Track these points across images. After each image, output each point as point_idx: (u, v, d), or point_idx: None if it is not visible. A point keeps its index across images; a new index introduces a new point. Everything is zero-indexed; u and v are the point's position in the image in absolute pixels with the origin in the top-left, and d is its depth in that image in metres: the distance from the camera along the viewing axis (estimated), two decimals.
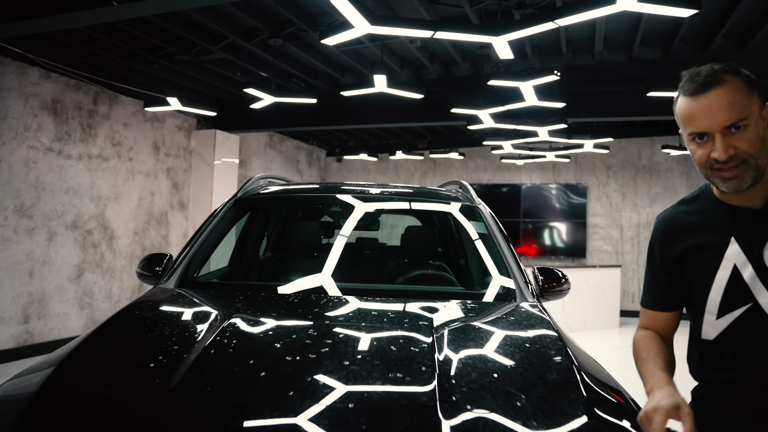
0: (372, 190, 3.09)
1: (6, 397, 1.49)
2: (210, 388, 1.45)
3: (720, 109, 1.29)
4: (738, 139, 1.29)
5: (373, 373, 1.50)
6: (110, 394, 1.46)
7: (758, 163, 1.31)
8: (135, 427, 1.29)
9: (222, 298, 2.30)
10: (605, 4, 3.17)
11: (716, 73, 1.32)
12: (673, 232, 1.51)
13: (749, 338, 1.36)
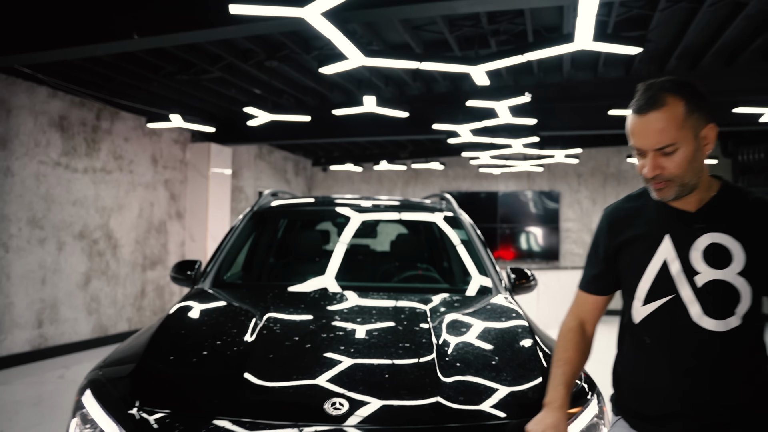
0: (368, 204, 3.63)
1: (115, 359, 2.01)
2: (272, 355, 1.96)
3: (652, 133, 1.40)
4: (667, 160, 1.41)
5: (388, 345, 2.03)
6: (199, 358, 1.97)
7: (684, 182, 1.44)
8: (224, 371, 1.81)
9: (254, 295, 2.81)
10: (566, 42, 3.74)
11: (659, 94, 1.41)
12: (617, 224, 1.62)
13: (667, 325, 1.49)
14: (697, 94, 1.42)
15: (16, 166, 5.96)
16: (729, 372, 1.43)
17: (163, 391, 1.83)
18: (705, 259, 1.45)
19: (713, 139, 1.44)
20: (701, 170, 1.46)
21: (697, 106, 1.41)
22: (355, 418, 1.59)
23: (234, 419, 1.59)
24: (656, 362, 1.49)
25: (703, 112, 1.42)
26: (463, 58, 4.62)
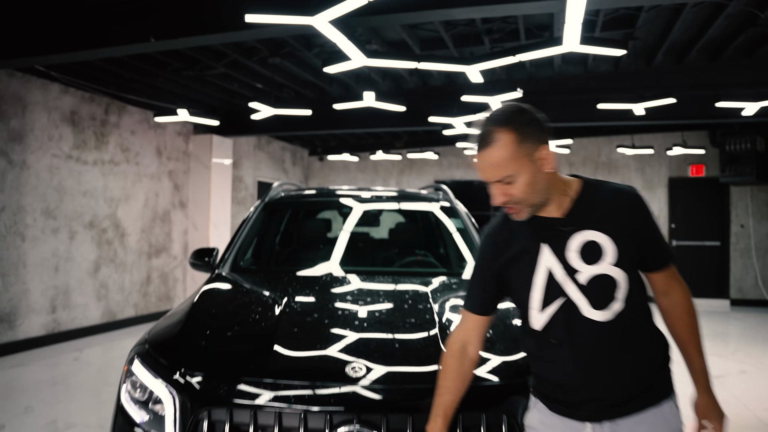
0: (370, 194, 3.93)
1: (158, 331, 2.32)
2: (296, 329, 2.27)
3: (490, 168, 1.52)
4: (511, 188, 1.53)
5: (397, 321, 2.34)
6: (232, 332, 2.28)
7: (532, 202, 1.55)
8: (255, 342, 2.12)
9: (271, 279, 3.11)
10: (555, 45, 4.02)
11: (489, 133, 1.51)
12: (498, 245, 1.70)
13: (566, 324, 1.57)
14: (525, 122, 1.51)
15: (31, 160, 6.21)
16: (623, 354, 1.55)
17: (202, 358, 2.13)
18: (582, 258, 1.55)
19: (549, 157, 1.53)
20: (547, 187, 1.55)
21: (526, 133, 1.50)
22: (372, 379, 1.90)
23: (270, 380, 1.90)
24: (562, 358, 1.58)
25: (534, 136, 1.51)
26: (459, 58, 4.89)
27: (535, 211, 1.58)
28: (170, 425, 1.92)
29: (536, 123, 1.54)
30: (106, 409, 4.46)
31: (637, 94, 6.71)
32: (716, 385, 5.08)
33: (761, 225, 10.28)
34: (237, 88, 7.68)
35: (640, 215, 1.60)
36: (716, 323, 8.79)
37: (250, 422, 1.80)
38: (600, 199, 1.61)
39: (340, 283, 2.96)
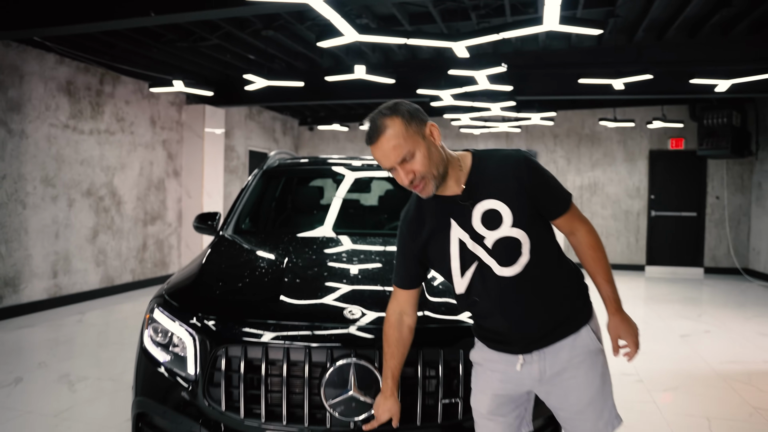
0: (362, 163, 4.20)
1: (174, 282, 2.60)
2: (299, 281, 2.57)
3: (389, 152, 1.66)
4: (411, 165, 1.69)
5: (386, 275, 2.64)
6: (242, 284, 2.58)
7: (435, 173, 1.72)
8: (264, 291, 2.41)
9: (272, 239, 3.40)
10: (536, 24, 4.27)
11: (379, 122, 1.67)
12: (413, 227, 1.88)
13: (483, 284, 1.79)
14: (406, 109, 1.69)
15: (30, 129, 6.38)
16: (536, 298, 1.79)
17: (217, 304, 2.43)
18: (484, 225, 1.75)
19: (436, 132, 1.73)
20: (443, 158, 1.74)
21: (410, 116, 1.68)
22: (365, 321, 2.21)
23: (278, 322, 2.20)
24: (487, 312, 1.82)
25: (417, 118, 1.70)
26: (446, 35, 5.11)
27: (440, 184, 1.75)
28: (191, 362, 2.22)
29: (415, 109, 1.73)
30: (113, 364, 4.77)
31: (617, 70, 6.97)
32: (681, 343, 5.56)
33: (735, 197, 10.69)
34: (230, 59, 7.82)
35: (524, 175, 1.75)
36: (689, 289, 9.24)
37: (262, 357, 2.10)
38: (490, 169, 1.79)
39: (336, 243, 3.26)
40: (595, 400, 1.85)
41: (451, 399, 2.13)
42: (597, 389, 1.85)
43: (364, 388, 2.05)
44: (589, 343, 1.86)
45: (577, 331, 1.84)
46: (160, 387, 2.31)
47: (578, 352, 1.84)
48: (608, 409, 1.87)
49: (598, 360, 1.87)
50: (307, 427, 2.07)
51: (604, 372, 1.90)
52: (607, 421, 1.86)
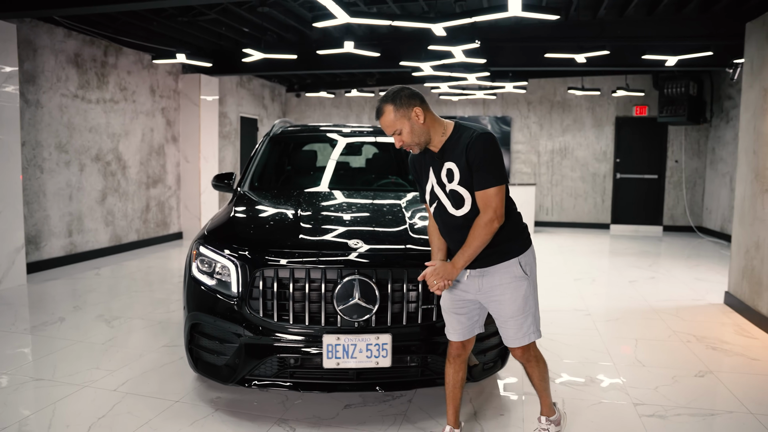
0: (354, 129, 4.93)
1: (213, 226, 3.34)
2: (313, 223, 3.32)
3: (385, 128, 2.47)
4: (402, 136, 2.46)
5: (380, 218, 3.42)
6: (267, 225, 3.32)
7: (417, 141, 2.47)
8: (286, 230, 3.16)
9: (283, 194, 4.14)
10: (501, 11, 4.96)
11: (380, 106, 2.45)
12: (415, 166, 2.69)
13: (440, 216, 2.57)
14: (399, 97, 2.42)
15: (44, 99, 6.94)
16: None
17: (252, 239, 3.19)
18: (446, 178, 2.49)
19: (420, 113, 2.43)
20: (427, 131, 2.47)
21: (400, 103, 2.42)
22: (366, 249, 2.99)
23: (301, 251, 2.96)
24: (444, 235, 2.62)
25: (407, 104, 2.43)
26: (427, 13, 5.76)
27: (423, 147, 2.52)
28: (234, 283, 2.98)
29: (408, 96, 2.44)
30: (137, 306, 5.51)
31: (579, 45, 7.67)
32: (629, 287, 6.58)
33: (692, 161, 11.60)
34: (225, 32, 8.38)
35: (473, 152, 2.39)
36: (647, 245, 10.18)
37: (290, 276, 2.87)
38: (459, 139, 2.46)
39: (337, 196, 4.02)
40: (516, 315, 2.56)
41: (428, 305, 2.92)
42: (519, 307, 2.55)
43: (365, 297, 2.83)
44: (516, 272, 2.54)
45: (508, 261, 2.54)
46: (208, 304, 3.07)
47: (507, 277, 2.53)
48: (527, 324, 2.60)
49: (521, 285, 2.54)
50: (323, 326, 2.86)
51: (527, 295, 2.56)
52: (525, 333, 2.61)
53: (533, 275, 2.63)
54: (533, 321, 2.62)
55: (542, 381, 2.78)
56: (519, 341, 2.61)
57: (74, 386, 3.54)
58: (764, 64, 5.29)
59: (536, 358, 2.72)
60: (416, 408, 3.32)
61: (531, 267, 2.61)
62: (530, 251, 2.64)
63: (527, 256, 2.60)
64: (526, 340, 2.61)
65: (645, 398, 3.52)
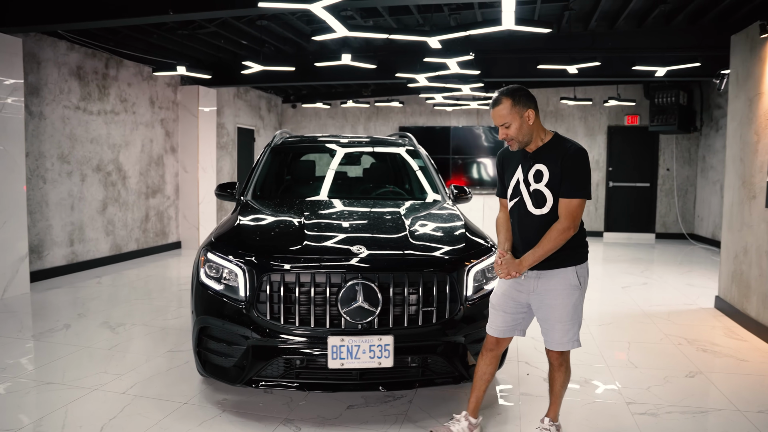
0: (352, 140, 5.08)
1: (220, 233, 3.45)
2: (317, 230, 3.45)
3: (496, 118, 2.67)
4: (508, 129, 2.65)
5: (381, 225, 3.55)
6: (273, 231, 3.45)
7: (520, 140, 2.67)
8: (291, 237, 3.29)
9: (286, 202, 4.26)
10: (496, 25, 5.13)
11: (499, 98, 2.64)
12: (502, 162, 2.91)
13: (519, 212, 2.74)
14: (519, 95, 2.63)
15: (47, 111, 7.06)
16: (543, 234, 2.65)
17: (258, 245, 3.31)
18: (533, 178, 2.69)
19: (532, 116, 2.64)
20: (531, 133, 2.67)
21: (518, 101, 2.63)
22: (368, 254, 3.12)
23: (306, 256, 3.09)
24: (515, 231, 2.80)
25: (523, 103, 2.63)
26: (421, 25, 5.93)
27: (523, 146, 2.71)
28: (242, 287, 3.10)
29: (526, 96, 2.66)
30: (140, 314, 5.61)
31: (571, 56, 7.86)
32: (621, 292, 6.69)
33: (683, 169, 11.80)
34: (223, 44, 8.53)
35: (567, 162, 2.60)
36: (639, 252, 10.35)
37: (296, 280, 2.99)
38: (557, 147, 2.67)
39: (338, 204, 4.15)
40: (564, 320, 2.71)
41: (428, 308, 3.05)
42: (568, 313, 2.71)
43: (368, 300, 2.96)
44: (571, 280, 2.70)
45: (566, 268, 2.69)
46: (216, 308, 3.18)
47: (562, 283, 2.69)
48: (573, 332, 2.76)
49: (574, 293, 2.70)
50: (328, 328, 2.98)
51: (577, 304, 2.72)
52: (570, 340, 2.76)
53: (585, 287, 2.77)
54: (578, 330, 2.77)
55: (563, 388, 2.92)
56: (562, 346, 2.76)
57: (84, 389, 3.64)
58: (749, 75, 5.48)
59: (567, 365, 2.87)
60: (417, 408, 3.43)
61: (585, 279, 2.76)
62: (586, 265, 2.78)
63: (583, 268, 2.76)
64: (569, 346, 2.76)
65: (638, 398, 3.65)
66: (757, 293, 5.13)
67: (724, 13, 6.88)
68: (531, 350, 4.56)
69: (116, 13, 5.35)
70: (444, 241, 3.45)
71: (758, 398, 3.68)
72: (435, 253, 3.26)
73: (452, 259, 3.22)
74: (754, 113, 5.33)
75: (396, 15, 7.24)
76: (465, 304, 3.16)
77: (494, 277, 3.38)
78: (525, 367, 4.19)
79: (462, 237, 3.51)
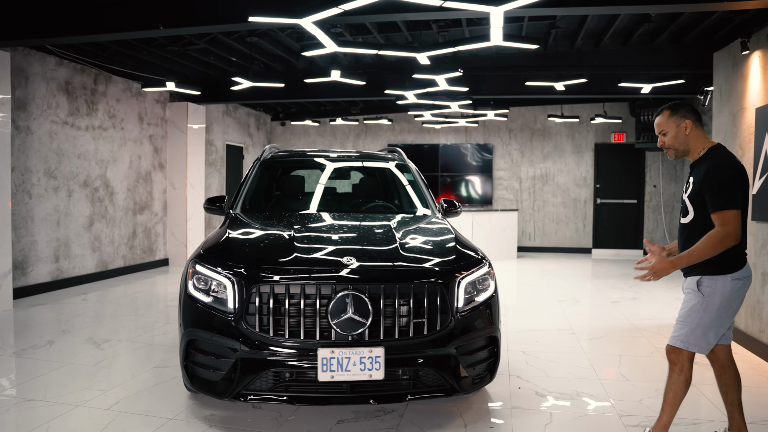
0: (342, 155, 5.08)
1: (209, 245, 3.41)
2: (306, 242, 3.42)
3: (657, 126, 2.93)
4: (665, 138, 2.90)
5: (372, 238, 3.53)
6: (262, 244, 3.41)
7: (676, 148, 2.89)
8: (281, 249, 3.25)
9: (276, 215, 4.24)
10: (483, 41, 5.18)
11: (662, 109, 2.91)
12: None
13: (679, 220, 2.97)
14: (678, 108, 2.86)
15: (34, 126, 7.01)
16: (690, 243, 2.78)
17: (247, 257, 3.27)
18: (686, 187, 2.91)
19: (689, 127, 2.83)
20: (687, 143, 2.86)
21: (675, 112, 2.86)
22: (358, 265, 3.09)
23: (296, 267, 3.06)
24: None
25: (681, 115, 2.85)
26: (410, 42, 5.98)
27: (680, 156, 2.93)
28: (231, 299, 3.06)
29: (686, 109, 2.86)
30: (126, 330, 5.52)
31: (558, 73, 7.96)
32: (611, 307, 6.70)
33: (669, 185, 11.93)
34: (212, 61, 8.55)
35: (706, 178, 2.74)
36: (628, 268, 10.39)
37: (285, 292, 2.96)
38: (708, 159, 2.81)
39: (330, 218, 4.13)
40: (679, 318, 2.87)
41: (419, 319, 3.03)
42: (683, 314, 2.85)
43: (358, 311, 2.93)
44: (694, 286, 2.81)
45: (700, 276, 2.80)
46: (205, 320, 3.14)
47: (690, 286, 2.86)
48: (682, 332, 2.83)
49: (694, 298, 2.81)
50: (318, 340, 2.94)
51: (695, 310, 2.80)
52: (676, 336, 2.85)
53: (710, 300, 2.78)
54: (688, 332, 2.82)
55: (669, 392, 2.92)
56: (670, 340, 2.91)
57: (67, 406, 3.55)
58: (732, 90, 5.57)
59: (680, 368, 2.88)
60: (408, 422, 3.39)
61: (710, 291, 2.78)
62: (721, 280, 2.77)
63: (713, 281, 2.78)
64: (672, 341, 2.88)
65: (630, 410, 3.63)
66: (745, 306, 5.15)
67: (706, 32, 7.02)
68: (522, 364, 4.54)
69: (106, 28, 5.35)
70: (435, 253, 3.44)
71: (749, 410, 3.66)
72: (425, 264, 3.24)
73: (443, 271, 3.20)
74: (738, 128, 5.41)
75: (385, 32, 7.30)
76: (456, 315, 3.13)
77: (485, 288, 3.37)
78: (516, 380, 4.16)
79: (452, 249, 3.50)
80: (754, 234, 5.02)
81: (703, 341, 2.81)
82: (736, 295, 2.80)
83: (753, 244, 5.02)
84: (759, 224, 4.94)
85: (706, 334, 2.80)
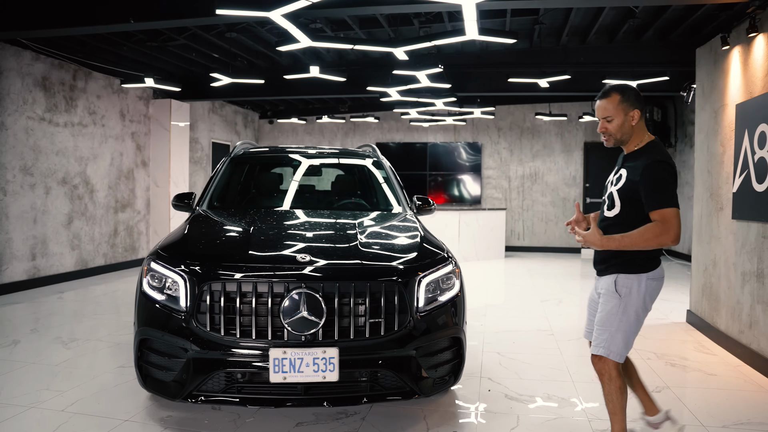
0: (316, 151, 4.97)
1: (166, 243, 3.32)
2: (263, 238, 3.32)
3: (601, 109, 2.65)
4: (609, 125, 2.64)
5: (332, 235, 3.43)
6: (219, 240, 3.31)
7: (617, 137, 2.65)
8: (236, 246, 3.16)
9: (241, 212, 4.14)
10: (459, 35, 5.08)
11: (609, 89, 2.64)
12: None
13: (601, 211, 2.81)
14: (630, 94, 2.61)
15: (9, 121, 6.90)
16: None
17: (201, 255, 3.17)
18: (614, 179, 2.71)
19: (636, 117, 2.61)
20: (630, 133, 2.64)
21: (627, 98, 2.61)
22: (314, 264, 3.00)
23: (248, 265, 2.96)
24: None
25: (630, 102, 2.61)
26: (389, 40, 5.89)
27: (618, 144, 2.71)
28: (183, 297, 2.96)
29: (636, 97, 2.63)
30: (97, 329, 5.42)
31: (542, 70, 7.87)
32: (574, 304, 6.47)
33: None
34: (195, 57, 8.44)
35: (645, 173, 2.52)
36: None
37: (237, 290, 2.86)
38: (643, 154, 2.61)
39: (293, 215, 4.03)
40: (600, 324, 2.71)
41: (376, 319, 2.93)
42: (602, 318, 2.70)
43: (311, 310, 2.83)
44: (611, 287, 2.68)
45: (616, 275, 2.67)
46: (158, 319, 3.04)
47: (606, 287, 2.71)
48: (603, 338, 2.67)
49: (611, 300, 2.67)
50: (270, 340, 2.85)
51: (613, 313, 2.65)
52: (598, 344, 2.70)
53: (627, 301, 2.65)
54: (609, 338, 2.67)
55: (609, 402, 2.78)
56: (593, 349, 2.74)
57: (19, 407, 3.45)
58: (714, 87, 5.48)
59: (609, 377, 2.72)
60: (369, 425, 3.29)
61: (627, 291, 2.65)
62: (636, 279, 2.65)
63: (629, 280, 2.65)
64: (595, 350, 2.72)
65: (600, 414, 3.54)
66: (726, 306, 5.07)
67: (692, 29, 6.93)
68: (495, 365, 4.45)
69: (77, 22, 5.25)
70: (396, 250, 3.35)
71: (723, 413, 3.59)
72: (384, 262, 3.15)
73: (402, 269, 3.11)
74: (719, 125, 5.32)
75: (366, 28, 7.20)
76: (416, 315, 3.04)
77: (449, 287, 3.28)
78: (487, 383, 4.07)
79: (415, 246, 3.40)
80: (734, 233, 4.94)
81: (623, 348, 2.68)
82: (651, 296, 2.68)
83: (733, 243, 4.94)
84: (739, 223, 4.86)
85: (626, 340, 2.68)
